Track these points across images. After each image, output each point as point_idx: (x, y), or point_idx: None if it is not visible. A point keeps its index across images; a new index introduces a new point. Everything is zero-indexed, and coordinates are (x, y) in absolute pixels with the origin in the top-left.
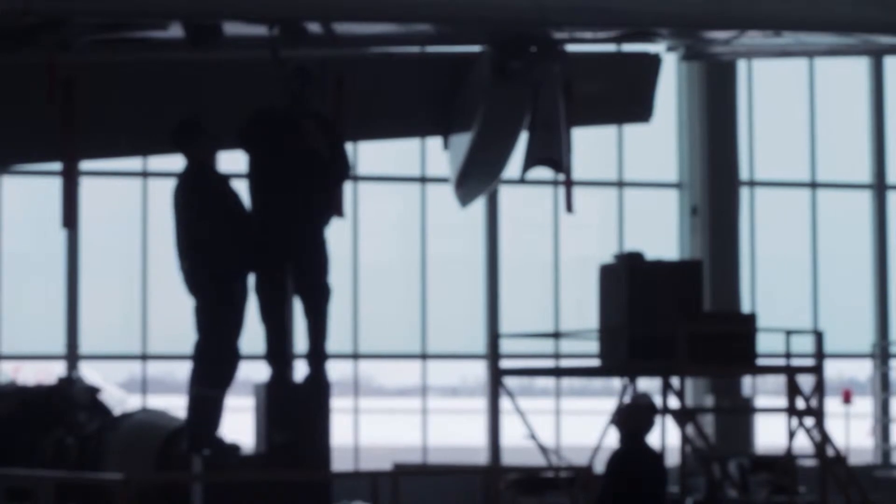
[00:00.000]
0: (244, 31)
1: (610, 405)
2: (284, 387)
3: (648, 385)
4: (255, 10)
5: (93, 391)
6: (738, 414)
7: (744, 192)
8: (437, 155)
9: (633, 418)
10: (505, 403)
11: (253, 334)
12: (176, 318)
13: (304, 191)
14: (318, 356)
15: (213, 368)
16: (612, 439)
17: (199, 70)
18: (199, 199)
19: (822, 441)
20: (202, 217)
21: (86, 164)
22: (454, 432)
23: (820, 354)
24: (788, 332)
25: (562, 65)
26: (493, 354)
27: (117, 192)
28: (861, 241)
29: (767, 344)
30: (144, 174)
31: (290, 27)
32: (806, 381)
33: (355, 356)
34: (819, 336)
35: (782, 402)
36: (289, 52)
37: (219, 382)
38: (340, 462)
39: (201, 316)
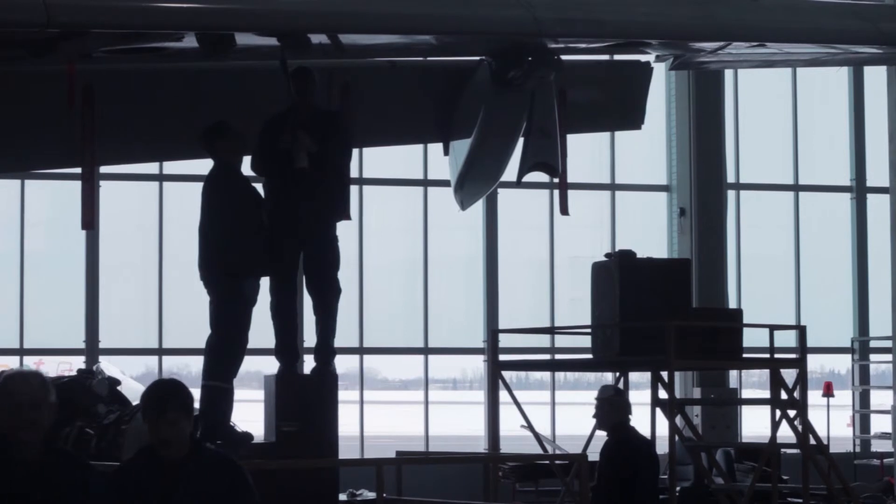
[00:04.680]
0: (255, 42)
1: None
2: (293, 379)
3: (639, 378)
4: (265, 23)
5: (112, 384)
6: (725, 405)
7: (730, 195)
8: (439, 159)
9: (616, 410)
10: (503, 395)
11: (264, 329)
12: (191, 314)
13: (313, 193)
14: (325, 350)
15: (224, 362)
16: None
17: (213, 77)
18: (221, 198)
19: (805, 431)
20: (222, 215)
21: (104, 168)
22: (454, 422)
23: (803, 349)
24: (773, 328)
25: (557, 74)
26: (492, 349)
27: (135, 195)
28: (842, 240)
29: (753, 339)
30: (161, 177)
31: (299, 38)
32: (789, 375)
33: (361, 351)
34: (802, 331)
35: (767, 394)
36: (297, 60)
37: (229, 375)
38: (346, 450)
39: (215, 311)
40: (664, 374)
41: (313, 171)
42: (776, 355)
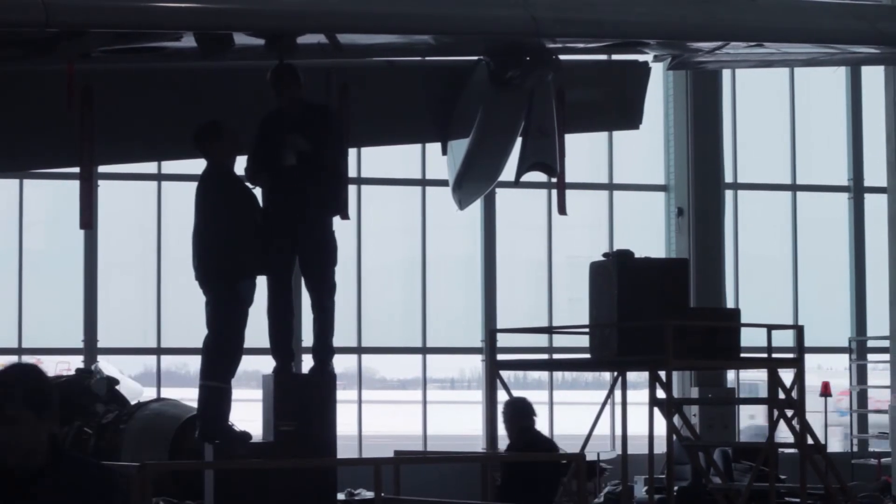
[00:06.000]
0: (254, 42)
1: (600, 397)
2: (291, 379)
3: (637, 378)
4: (265, 23)
5: (110, 383)
6: (723, 405)
7: (728, 194)
8: (437, 159)
9: (522, 414)
10: (501, 395)
11: (262, 329)
12: (189, 313)
13: (308, 191)
14: (323, 350)
15: (221, 362)
16: (599, 429)
17: (212, 77)
18: (216, 199)
19: (802, 431)
20: (217, 216)
21: (103, 167)
22: (452, 422)
23: (800, 348)
24: (770, 327)
25: (555, 73)
26: (490, 348)
27: (133, 194)
28: (839, 240)
29: (750, 338)
30: (159, 177)
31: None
32: (787, 374)
33: (359, 350)
34: (799, 331)
35: (764, 393)
36: (296, 59)
37: (227, 375)
38: (344, 450)
39: (212, 312)
40: (662, 374)
41: (307, 169)
42: (774, 355)
